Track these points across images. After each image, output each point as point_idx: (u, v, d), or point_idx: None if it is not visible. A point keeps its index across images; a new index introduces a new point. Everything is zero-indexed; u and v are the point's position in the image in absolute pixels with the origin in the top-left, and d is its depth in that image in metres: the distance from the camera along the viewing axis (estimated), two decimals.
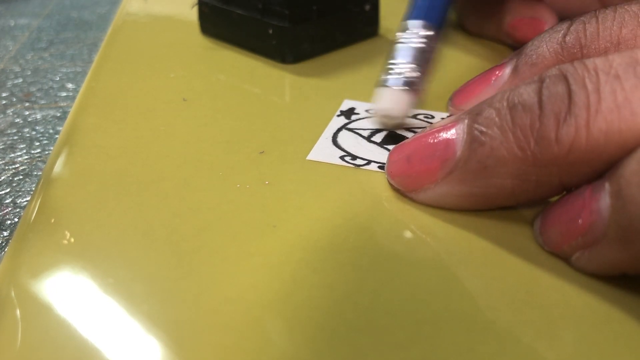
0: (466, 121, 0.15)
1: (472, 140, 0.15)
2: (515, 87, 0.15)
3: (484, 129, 0.15)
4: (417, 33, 0.20)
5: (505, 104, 0.14)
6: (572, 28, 0.18)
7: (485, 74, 0.20)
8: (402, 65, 0.20)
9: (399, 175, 0.17)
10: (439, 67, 0.26)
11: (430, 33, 0.20)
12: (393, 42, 0.20)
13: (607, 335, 0.12)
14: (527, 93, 0.14)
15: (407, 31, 0.20)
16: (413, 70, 0.20)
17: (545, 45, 0.18)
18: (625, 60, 0.13)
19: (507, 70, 0.20)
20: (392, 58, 0.20)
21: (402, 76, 0.19)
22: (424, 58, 0.20)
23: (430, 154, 0.16)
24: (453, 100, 0.21)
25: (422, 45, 0.20)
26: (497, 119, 0.14)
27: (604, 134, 0.13)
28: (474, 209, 0.16)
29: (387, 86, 0.20)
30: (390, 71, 0.20)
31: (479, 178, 0.15)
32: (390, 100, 0.19)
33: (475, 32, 0.28)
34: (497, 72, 0.20)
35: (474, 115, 0.15)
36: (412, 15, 0.21)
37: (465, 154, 0.15)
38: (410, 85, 0.19)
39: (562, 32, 0.18)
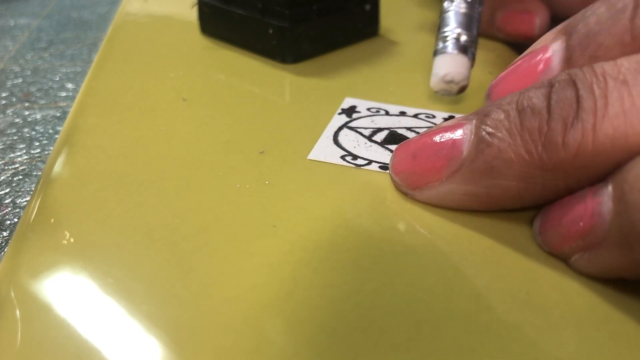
0: (474, 122, 0.15)
1: (480, 140, 0.15)
2: (524, 90, 0.15)
3: (491, 130, 0.15)
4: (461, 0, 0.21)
5: (514, 106, 0.14)
6: None
7: (529, 63, 0.17)
8: (455, 31, 0.21)
9: (404, 172, 0.16)
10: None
11: None
12: (441, 12, 0.22)
13: (607, 335, 0.12)
14: (537, 97, 0.14)
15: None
16: (466, 35, 0.20)
17: (607, 29, 0.15)
18: (634, 66, 0.13)
19: (557, 60, 0.17)
20: (444, 26, 0.21)
21: (459, 42, 0.20)
22: (472, 24, 0.21)
23: (437, 152, 0.16)
24: (492, 96, 0.18)
25: (468, 11, 0.21)
26: (505, 122, 0.14)
27: (611, 139, 0.13)
28: (477, 209, 0.16)
29: (446, 52, 0.20)
30: (445, 39, 0.21)
31: (485, 178, 0.15)
32: (453, 65, 0.20)
33: None
34: (542, 61, 0.17)
35: (482, 116, 0.15)
36: None
37: (472, 153, 0.15)
38: (467, 50, 0.20)
39: (629, 11, 0.14)
